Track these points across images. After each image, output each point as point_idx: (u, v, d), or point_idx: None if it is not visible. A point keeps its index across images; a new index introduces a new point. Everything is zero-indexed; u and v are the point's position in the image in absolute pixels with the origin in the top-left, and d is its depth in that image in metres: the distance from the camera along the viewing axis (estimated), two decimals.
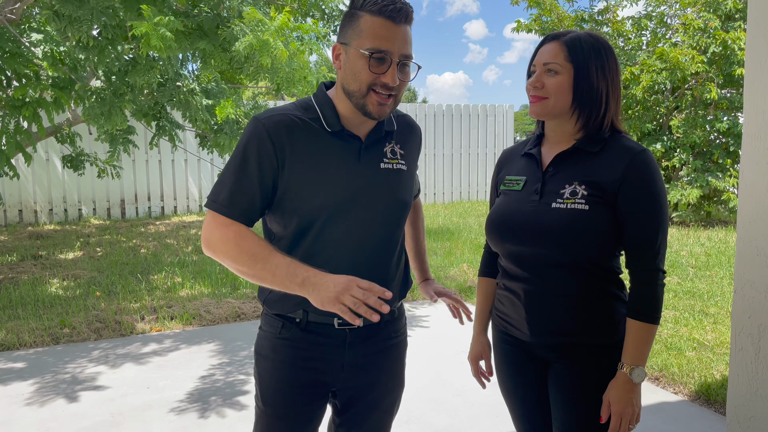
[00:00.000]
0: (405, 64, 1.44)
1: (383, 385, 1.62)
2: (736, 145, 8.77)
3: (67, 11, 3.76)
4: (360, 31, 1.41)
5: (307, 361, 1.52)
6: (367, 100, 1.43)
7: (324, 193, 1.46)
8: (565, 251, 1.51)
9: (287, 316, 1.52)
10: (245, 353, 4.04)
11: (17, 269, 6.20)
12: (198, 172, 10.67)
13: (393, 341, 1.62)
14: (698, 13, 9.11)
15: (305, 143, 1.46)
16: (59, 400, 3.33)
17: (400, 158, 1.58)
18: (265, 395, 1.57)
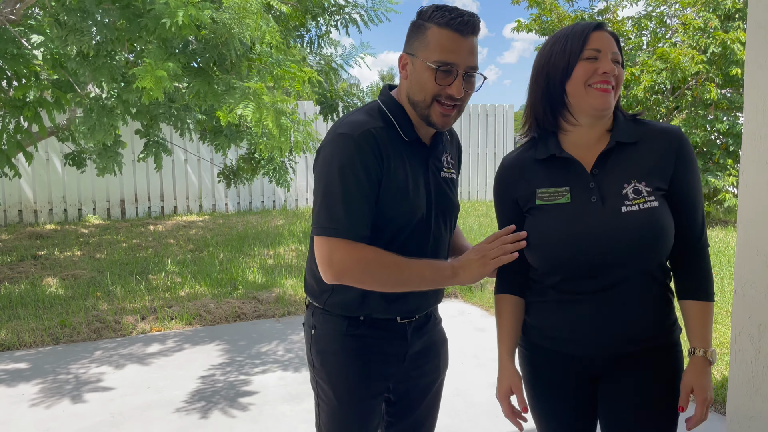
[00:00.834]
0: (471, 75, 1.46)
1: (435, 368, 1.70)
2: (736, 145, 8.77)
3: (70, 21, 3.74)
4: (427, 43, 1.43)
5: (375, 354, 1.57)
6: (432, 111, 1.46)
7: (409, 201, 1.50)
8: (644, 255, 1.42)
9: (352, 316, 1.56)
10: (245, 353, 4.04)
11: (17, 269, 6.20)
12: (198, 172, 10.66)
13: (439, 325, 1.75)
14: (698, 13, 9.11)
15: (390, 153, 1.48)
16: (59, 401, 3.33)
17: (452, 167, 1.64)
18: (339, 392, 1.58)
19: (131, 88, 4.22)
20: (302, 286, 5.53)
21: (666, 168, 1.43)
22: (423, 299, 1.60)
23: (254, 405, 3.27)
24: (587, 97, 1.40)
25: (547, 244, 1.46)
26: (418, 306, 1.60)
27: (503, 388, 1.55)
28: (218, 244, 7.62)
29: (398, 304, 1.56)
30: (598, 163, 1.45)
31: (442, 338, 1.75)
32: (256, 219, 9.80)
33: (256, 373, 3.70)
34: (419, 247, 1.54)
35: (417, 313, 1.61)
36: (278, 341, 4.27)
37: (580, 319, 1.47)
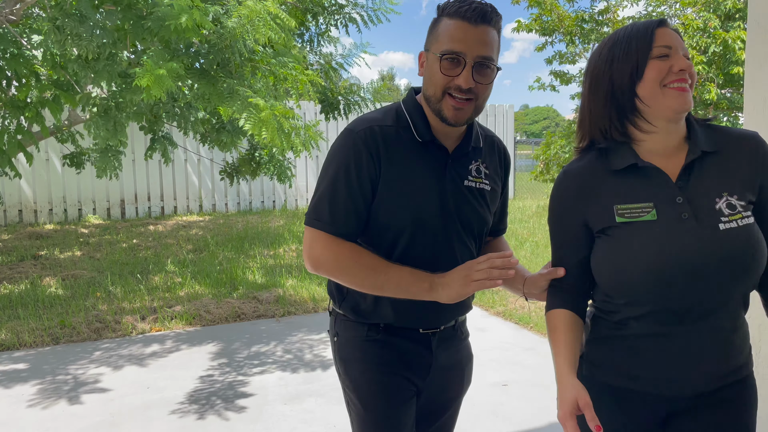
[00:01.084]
0: (483, 65, 1.37)
1: (458, 384, 1.64)
2: None
3: (69, 26, 3.74)
4: (437, 35, 1.39)
5: (396, 363, 1.52)
6: (443, 105, 1.39)
7: (413, 205, 1.43)
8: (746, 278, 1.26)
9: (371, 322, 1.52)
10: (245, 353, 4.04)
11: (17, 269, 6.20)
12: (198, 172, 10.66)
13: (466, 340, 1.67)
14: (698, 13, 9.11)
15: (398, 153, 1.43)
16: (59, 401, 3.33)
17: (484, 178, 1.52)
18: (365, 400, 1.53)
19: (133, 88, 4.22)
20: (302, 287, 5.54)
21: (753, 178, 1.29)
22: (445, 310, 1.51)
23: (254, 405, 3.27)
24: (664, 99, 1.24)
25: (634, 269, 1.25)
26: (439, 317, 1.53)
27: (568, 403, 1.22)
28: (218, 244, 7.62)
29: (412, 315, 1.50)
30: (682, 175, 1.28)
31: (468, 354, 1.67)
32: (256, 219, 9.80)
33: (256, 374, 3.70)
34: (425, 258, 1.46)
35: (440, 323, 1.54)
36: (278, 341, 4.26)
37: (670, 356, 1.27)
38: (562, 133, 10.65)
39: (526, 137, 47.37)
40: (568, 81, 10.56)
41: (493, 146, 1.59)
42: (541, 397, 3.28)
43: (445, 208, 1.46)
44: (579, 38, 10.11)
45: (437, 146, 1.46)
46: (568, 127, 10.54)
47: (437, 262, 1.46)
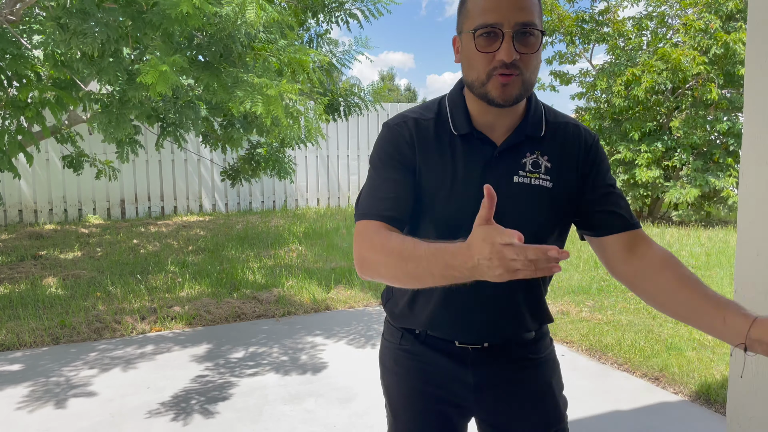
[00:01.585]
0: (525, 33, 1.18)
1: (523, 408, 1.41)
2: (736, 146, 8.78)
3: (72, 24, 3.74)
4: (467, 13, 1.23)
5: (431, 376, 1.40)
6: (489, 87, 1.21)
7: (443, 204, 1.29)
8: None
9: (406, 328, 1.43)
10: (245, 354, 4.04)
11: (17, 269, 6.20)
12: (198, 172, 10.66)
13: (529, 363, 1.41)
14: (699, 14, 9.10)
15: (432, 147, 1.30)
16: (59, 401, 3.33)
17: (544, 172, 1.30)
18: (395, 409, 1.47)
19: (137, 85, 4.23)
20: (302, 287, 5.54)
21: None
22: (490, 327, 1.35)
23: (254, 405, 3.27)
24: None
25: None
26: (480, 331, 1.36)
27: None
28: (218, 244, 7.62)
29: (447, 324, 1.36)
30: None
31: (533, 378, 1.41)
32: (256, 219, 9.80)
33: (256, 374, 3.70)
34: None
35: (482, 340, 1.37)
36: (278, 342, 4.26)
37: None
38: None
39: None
40: (568, 81, 10.57)
41: (569, 136, 1.34)
42: None
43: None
44: (579, 38, 10.11)
45: (480, 139, 1.29)
46: None
47: None
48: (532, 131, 1.30)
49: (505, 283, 1.16)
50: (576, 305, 4.91)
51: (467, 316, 1.34)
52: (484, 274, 1.02)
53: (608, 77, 9.48)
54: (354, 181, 11.78)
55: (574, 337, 4.17)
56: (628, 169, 9.24)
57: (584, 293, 5.28)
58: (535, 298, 1.38)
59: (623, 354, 3.85)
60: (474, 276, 1.04)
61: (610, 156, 9.74)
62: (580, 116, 10.35)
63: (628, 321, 4.49)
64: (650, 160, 9.00)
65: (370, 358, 3.95)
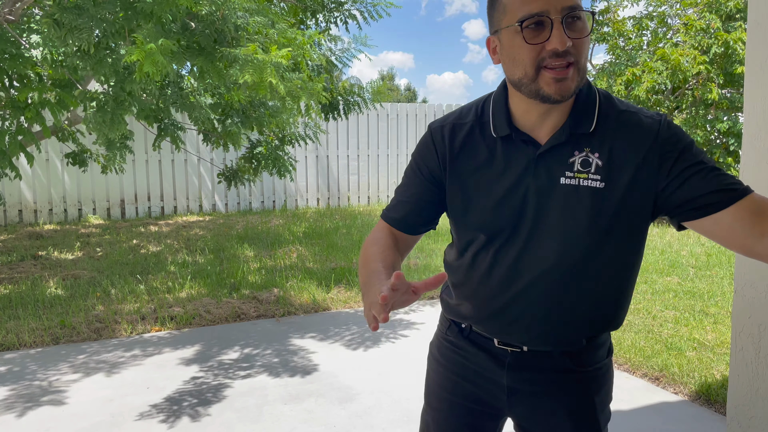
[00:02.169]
0: (573, 17, 1.11)
1: (560, 421, 1.34)
2: (736, 145, 8.78)
3: (67, 20, 3.74)
4: (504, 8, 1.16)
5: (468, 373, 1.39)
6: (541, 83, 1.13)
7: (480, 208, 1.26)
8: None
9: (455, 320, 1.42)
10: (245, 353, 4.04)
11: (17, 269, 6.20)
12: (198, 172, 10.67)
13: (572, 375, 1.32)
14: (700, 14, 9.10)
15: (470, 150, 1.27)
16: (59, 401, 3.33)
17: (594, 171, 1.18)
18: (429, 394, 1.48)
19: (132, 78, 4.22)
20: (302, 287, 5.54)
21: None
22: (531, 331, 1.29)
23: (254, 405, 3.27)
24: None
25: None
26: (522, 337, 1.31)
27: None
28: (218, 244, 7.62)
29: (488, 320, 1.33)
30: None
31: (573, 391, 1.33)
32: (256, 219, 9.80)
33: (256, 374, 3.70)
34: (509, 269, 1.26)
35: (522, 344, 1.32)
36: (278, 341, 4.26)
37: None
38: None
39: None
40: None
41: (628, 128, 1.20)
42: None
43: (528, 213, 1.22)
44: None
45: (522, 140, 1.22)
46: None
47: (525, 276, 1.25)
48: (578, 127, 1.20)
49: (561, 292, 1.25)
50: None
51: (511, 317, 1.29)
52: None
53: (608, 77, 9.47)
54: (354, 181, 11.77)
55: None
56: None
57: None
58: (596, 309, 1.28)
59: (623, 354, 3.85)
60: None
61: None
62: None
63: (628, 321, 4.49)
64: None
65: (370, 358, 3.95)
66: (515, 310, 1.29)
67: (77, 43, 3.90)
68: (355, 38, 6.07)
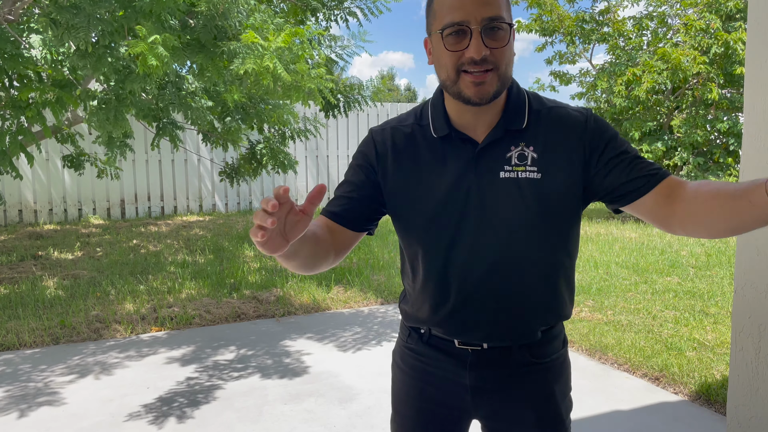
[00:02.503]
0: (493, 28, 1.17)
1: (523, 414, 1.38)
2: (736, 145, 8.78)
3: (63, 19, 3.74)
4: (434, 14, 1.23)
5: (432, 378, 1.40)
6: (461, 85, 1.20)
7: (426, 207, 1.29)
8: None
9: (414, 326, 1.43)
10: (245, 353, 4.04)
11: (17, 269, 6.20)
12: (198, 172, 10.67)
13: (531, 367, 1.37)
14: (700, 14, 9.10)
15: (410, 152, 1.32)
16: (59, 401, 3.33)
17: (531, 164, 1.25)
18: (397, 403, 1.50)
19: (134, 77, 4.22)
20: (302, 287, 5.54)
21: None
22: (490, 327, 1.33)
23: (254, 405, 3.27)
24: None
25: None
26: (481, 334, 1.34)
27: None
28: (218, 244, 7.62)
29: (446, 322, 1.35)
30: None
31: (534, 382, 1.37)
32: None
33: (256, 373, 3.70)
34: (456, 268, 1.30)
35: (482, 341, 1.34)
36: (278, 341, 4.26)
37: None
38: None
39: None
40: (568, 81, 10.57)
41: (555, 122, 1.28)
42: None
43: (472, 208, 1.27)
44: (579, 38, 10.11)
45: (461, 138, 1.28)
46: None
47: (475, 271, 1.30)
48: (512, 124, 1.27)
49: (511, 284, 1.30)
50: (576, 305, 4.91)
51: (468, 315, 1.33)
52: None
53: (609, 77, 9.47)
54: None
55: (574, 337, 4.17)
56: None
57: (584, 293, 5.28)
58: (546, 298, 1.33)
59: (623, 354, 3.85)
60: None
61: None
62: None
63: (628, 321, 4.49)
64: (651, 159, 9.01)
65: (369, 358, 3.95)
66: (471, 307, 1.32)
67: (74, 42, 3.90)
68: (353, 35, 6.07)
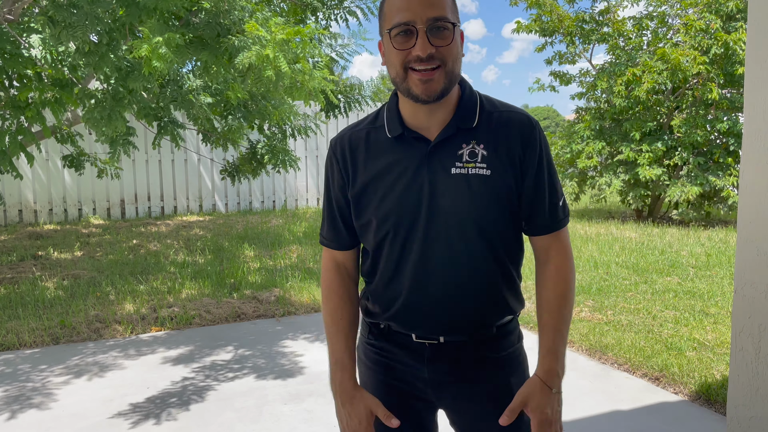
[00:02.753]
0: (439, 28, 1.23)
1: (484, 408, 1.41)
2: (736, 145, 8.78)
3: (61, 17, 3.73)
4: (385, 16, 1.29)
5: (395, 372, 1.44)
6: (409, 83, 1.26)
7: (383, 205, 1.34)
8: None
9: (373, 322, 1.48)
10: (245, 353, 4.04)
11: (17, 269, 6.20)
12: (198, 172, 10.67)
13: (488, 362, 1.41)
14: (700, 14, 9.10)
15: (367, 155, 1.37)
16: (59, 400, 3.33)
17: (481, 161, 1.31)
18: None
19: (136, 75, 4.22)
20: (302, 287, 5.54)
21: None
22: (446, 321, 1.37)
23: (254, 405, 3.27)
24: None
25: None
26: (438, 328, 1.38)
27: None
28: (218, 244, 7.62)
29: (405, 317, 1.39)
30: None
31: (491, 376, 1.40)
32: (256, 219, 9.80)
33: (256, 373, 3.70)
34: (413, 257, 1.34)
35: (439, 335, 1.38)
36: (278, 341, 4.26)
37: None
38: (562, 133, 10.67)
39: None
40: (568, 81, 10.57)
41: (504, 124, 1.34)
42: None
43: (425, 204, 1.31)
44: (579, 38, 10.11)
45: (414, 138, 1.33)
46: (568, 127, 10.55)
47: (429, 264, 1.34)
48: (463, 122, 1.32)
49: (454, 278, 1.35)
50: (576, 305, 4.91)
51: (423, 309, 1.37)
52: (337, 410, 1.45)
53: (609, 77, 9.47)
54: None
55: (574, 337, 4.17)
56: (630, 169, 9.24)
57: (584, 293, 5.28)
58: (495, 292, 1.38)
59: (623, 354, 3.85)
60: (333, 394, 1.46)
61: (612, 156, 9.73)
62: (581, 116, 10.35)
63: (628, 321, 4.49)
64: (651, 159, 9.00)
65: None
66: (426, 301, 1.36)
67: (73, 41, 3.90)
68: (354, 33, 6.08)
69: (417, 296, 1.36)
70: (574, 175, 10.08)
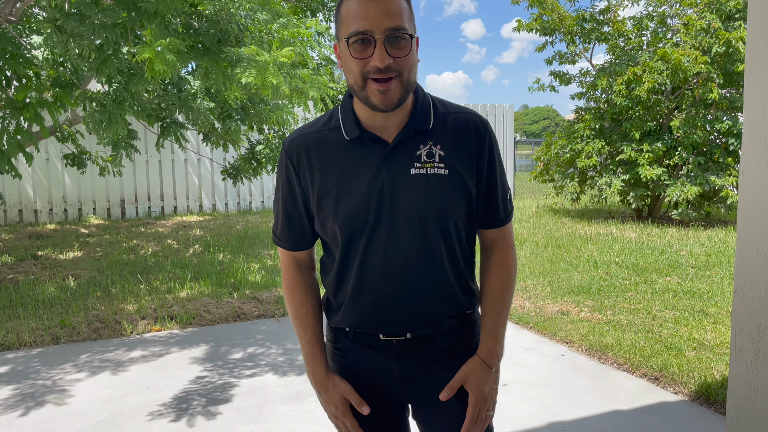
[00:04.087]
0: (396, 38, 1.24)
1: (450, 400, 1.43)
2: (736, 145, 8.78)
3: (69, 27, 3.74)
4: (342, 21, 1.28)
5: (362, 372, 1.46)
6: (368, 92, 1.27)
7: (344, 207, 1.35)
8: None
9: (338, 327, 1.49)
10: (245, 353, 4.04)
11: (17, 269, 6.20)
12: (198, 172, 10.67)
13: (453, 352, 1.45)
14: (700, 14, 9.10)
15: (324, 157, 1.37)
16: (59, 400, 3.33)
17: (438, 161, 1.34)
18: None
19: (138, 78, 4.22)
20: None
21: None
22: (409, 316, 1.40)
23: (254, 405, 3.27)
24: None
25: None
26: (405, 324, 1.41)
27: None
28: (218, 244, 7.62)
29: (371, 318, 1.41)
30: None
31: (456, 366, 1.44)
32: (256, 219, 9.80)
33: (255, 373, 3.70)
34: (375, 256, 1.36)
35: (406, 332, 1.41)
36: (278, 342, 4.26)
37: None
38: (561, 133, 10.66)
39: (525, 137, 47.29)
40: (568, 81, 10.57)
41: (458, 124, 1.38)
42: (541, 397, 3.28)
43: (386, 204, 1.33)
44: (579, 38, 10.11)
45: (372, 140, 1.34)
46: (568, 127, 10.55)
47: (394, 261, 1.36)
48: (419, 125, 1.36)
49: (415, 275, 1.39)
50: (576, 305, 4.92)
51: (389, 308, 1.39)
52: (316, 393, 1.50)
53: (609, 77, 9.47)
54: None
55: (574, 337, 4.17)
56: (630, 168, 9.24)
57: (584, 293, 5.28)
58: (460, 285, 1.43)
59: (623, 354, 3.85)
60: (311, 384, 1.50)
61: (612, 156, 9.73)
62: (581, 116, 10.34)
63: (628, 321, 4.49)
64: (651, 159, 9.00)
65: None
66: (391, 300, 1.39)
67: (78, 48, 3.90)
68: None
69: (382, 298, 1.39)
70: (574, 175, 10.07)
